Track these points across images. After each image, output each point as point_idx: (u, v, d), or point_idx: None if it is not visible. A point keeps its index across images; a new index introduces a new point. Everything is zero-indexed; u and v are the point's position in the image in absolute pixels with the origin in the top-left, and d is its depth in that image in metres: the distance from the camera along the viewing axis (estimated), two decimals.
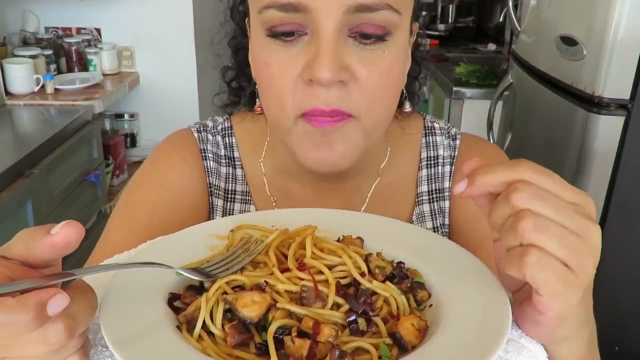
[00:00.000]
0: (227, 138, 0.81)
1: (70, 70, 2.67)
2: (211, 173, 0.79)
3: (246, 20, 0.71)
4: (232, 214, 0.78)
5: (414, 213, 0.79)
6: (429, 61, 0.82)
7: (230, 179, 0.79)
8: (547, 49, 1.61)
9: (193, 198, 0.77)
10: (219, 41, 0.80)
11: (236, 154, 0.80)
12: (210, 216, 0.79)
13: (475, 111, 2.49)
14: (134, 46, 2.78)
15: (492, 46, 3.49)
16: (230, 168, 0.80)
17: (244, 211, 0.79)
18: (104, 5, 2.68)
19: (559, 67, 1.56)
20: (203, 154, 0.79)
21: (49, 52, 2.58)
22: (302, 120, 0.62)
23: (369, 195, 0.78)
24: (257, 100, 0.73)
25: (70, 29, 2.78)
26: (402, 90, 0.72)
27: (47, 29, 2.76)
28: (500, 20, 3.53)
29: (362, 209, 0.77)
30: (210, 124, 0.82)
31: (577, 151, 1.48)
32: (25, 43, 2.62)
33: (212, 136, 0.80)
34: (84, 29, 2.78)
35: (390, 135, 0.79)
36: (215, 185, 0.79)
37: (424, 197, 0.79)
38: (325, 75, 0.58)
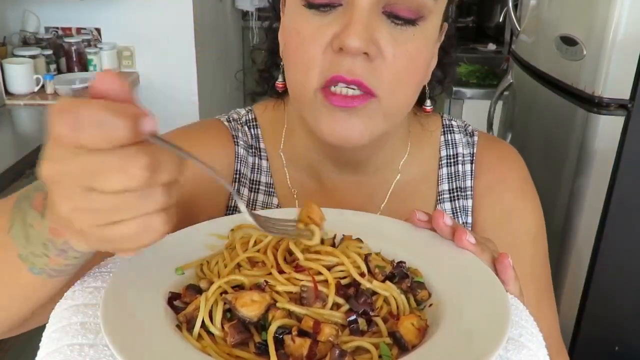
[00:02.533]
0: (252, 129, 0.80)
1: (70, 70, 2.67)
2: (241, 160, 0.78)
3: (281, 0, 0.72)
4: (256, 206, 0.78)
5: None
6: (454, 69, 0.82)
7: (256, 170, 0.79)
8: (547, 49, 1.61)
9: (215, 184, 0.73)
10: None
11: (262, 145, 0.80)
12: (228, 203, 0.77)
13: (475, 111, 2.49)
14: (134, 46, 2.78)
15: (492, 46, 3.49)
16: (257, 159, 0.79)
17: (268, 203, 0.78)
18: (104, 5, 2.68)
19: (558, 67, 1.56)
20: (235, 140, 0.78)
21: (49, 52, 2.58)
22: (322, 95, 0.62)
23: (390, 191, 0.78)
24: (280, 77, 0.73)
25: (70, 29, 2.78)
26: (425, 86, 0.73)
27: (47, 29, 2.76)
28: (500, 20, 3.53)
29: (383, 205, 0.77)
30: (235, 116, 0.82)
31: (577, 151, 1.48)
32: (25, 43, 2.62)
33: (240, 126, 0.80)
34: (84, 29, 2.78)
35: (411, 131, 0.79)
36: (242, 174, 0.78)
37: (445, 196, 0.79)
38: (353, 43, 0.58)
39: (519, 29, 1.91)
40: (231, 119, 0.81)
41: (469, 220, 0.79)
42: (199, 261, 0.54)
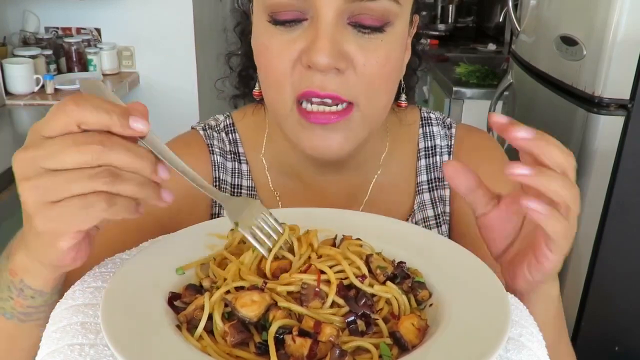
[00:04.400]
0: (230, 134, 0.81)
1: (70, 70, 2.67)
2: (218, 167, 0.79)
3: (250, 5, 0.72)
4: None
5: (415, 202, 0.80)
6: (430, 55, 0.83)
7: (236, 174, 0.80)
8: (547, 49, 1.61)
9: (195, 192, 0.76)
10: (236, 26, 0.81)
11: (240, 149, 0.81)
12: (213, 211, 0.79)
13: (475, 111, 2.49)
14: (134, 46, 2.78)
15: (492, 46, 3.49)
16: (236, 163, 0.80)
17: None
18: (104, 5, 2.68)
19: (558, 67, 1.56)
20: (210, 149, 0.80)
21: (49, 52, 2.58)
22: (297, 113, 0.63)
23: (371, 186, 0.79)
24: (257, 85, 0.74)
25: (70, 29, 2.78)
26: (400, 82, 0.73)
27: (47, 29, 2.75)
28: (500, 20, 3.53)
29: (365, 200, 0.78)
30: (212, 122, 0.83)
31: (577, 151, 1.48)
32: (25, 43, 2.62)
33: (217, 133, 0.81)
34: (84, 29, 2.78)
35: (389, 127, 0.80)
36: (222, 180, 0.79)
37: (423, 186, 0.81)
38: (322, 60, 0.58)
39: (519, 29, 1.91)
40: (207, 126, 0.82)
41: (447, 209, 0.80)
42: (199, 261, 0.54)
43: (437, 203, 0.80)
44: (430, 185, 0.81)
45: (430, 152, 0.82)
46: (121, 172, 0.43)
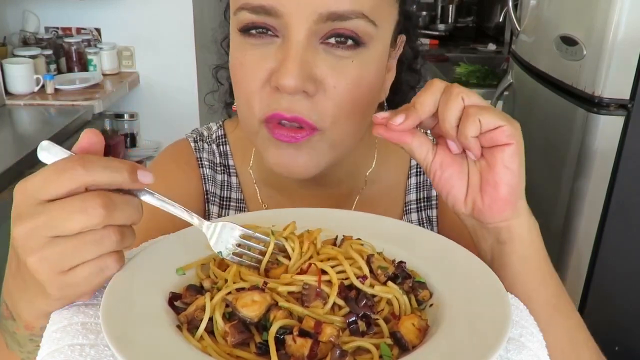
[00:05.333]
0: (221, 147, 0.82)
1: (70, 70, 2.67)
2: (207, 180, 0.80)
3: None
4: None
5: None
6: (423, 71, 0.81)
7: (226, 187, 0.80)
8: (547, 49, 1.62)
9: (189, 206, 0.77)
10: (223, 40, 0.81)
11: (230, 162, 0.81)
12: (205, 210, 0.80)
13: None
14: (134, 46, 2.78)
15: (492, 46, 3.49)
16: (226, 176, 0.81)
17: None
18: (104, 5, 2.68)
19: (558, 67, 1.56)
20: (199, 162, 0.80)
21: (49, 52, 2.58)
22: (265, 128, 0.62)
23: (355, 202, 0.78)
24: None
25: (70, 29, 2.78)
26: (384, 103, 0.71)
27: (47, 29, 2.75)
28: (500, 20, 3.53)
29: None
30: (205, 132, 0.83)
31: (577, 151, 1.48)
32: (25, 43, 2.62)
33: (208, 145, 0.81)
34: (84, 29, 2.78)
35: (378, 142, 0.78)
36: (211, 192, 0.80)
37: (412, 206, 0.79)
38: (288, 83, 0.57)
39: (519, 29, 1.91)
40: (198, 138, 0.82)
41: (435, 230, 0.79)
42: (200, 261, 0.54)
43: (425, 224, 0.79)
44: (419, 205, 0.79)
45: (422, 169, 0.80)
46: (125, 229, 0.46)
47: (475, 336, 0.43)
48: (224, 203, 0.80)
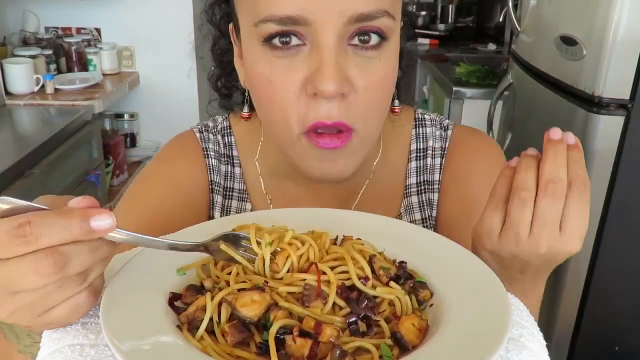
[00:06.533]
0: (226, 137, 0.82)
1: (70, 70, 2.67)
2: (212, 170, 0.80)
3: (230, 26, 0.71)
4: (230, 211, 0.80)
5: (402, 205, 0.80)
6: (415, 55, 0.83)
7: (229, 177, 0.81)
8: (547, 49, 1.61)
9: (195, 195, 0.79)
10: (199, 46, 0.82)
11: (234, 153, 0.82)
12: (210, 213, 0.81)
13: (475, 111, 2.49)
14: (134, 46, 2.78)
15: (492, 46, 3.49)
16: (229, 166, 0.82)
17: (241, 208, 0.80)
18: (104, 5, 2.68)
19: (558, 67, 1.56)
20: (205, 152, 0.81)
21: (49, 52, 2.58)
22: (307, 138, 0.62)
23: (361, 192, 0.79)
24: (244, 104, 0.74)
25: (70, 28, 2.78)
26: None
27: (47, 29, 2.76)
28: (500, 20, 3.53)
29: (354, 204, 0.78)
30: (210, 124, 0.84)
31: None
32: (25, 43, 2.62)
33: (213, 135, 0.82)
34: (84, 29, 2.78)
35: (383, 131, 0.79)
36: (216, 182, 0.80)
37: (412, 189, 0.80)
38: (329, 88, 0.57)
39: (519, 29, 1.91)
40: (204, 129, 0.83)
41: (434, 213, 0.80)
42: (200, 261, 0.54)
43: (425, 206, 0.80)
44: (419, 188, 0.80)
45: (421, 154, 0.81)
46: (88, 270, 0.43)
47: (476, 336, 0.43)
48: (227, 193, 0.81)
